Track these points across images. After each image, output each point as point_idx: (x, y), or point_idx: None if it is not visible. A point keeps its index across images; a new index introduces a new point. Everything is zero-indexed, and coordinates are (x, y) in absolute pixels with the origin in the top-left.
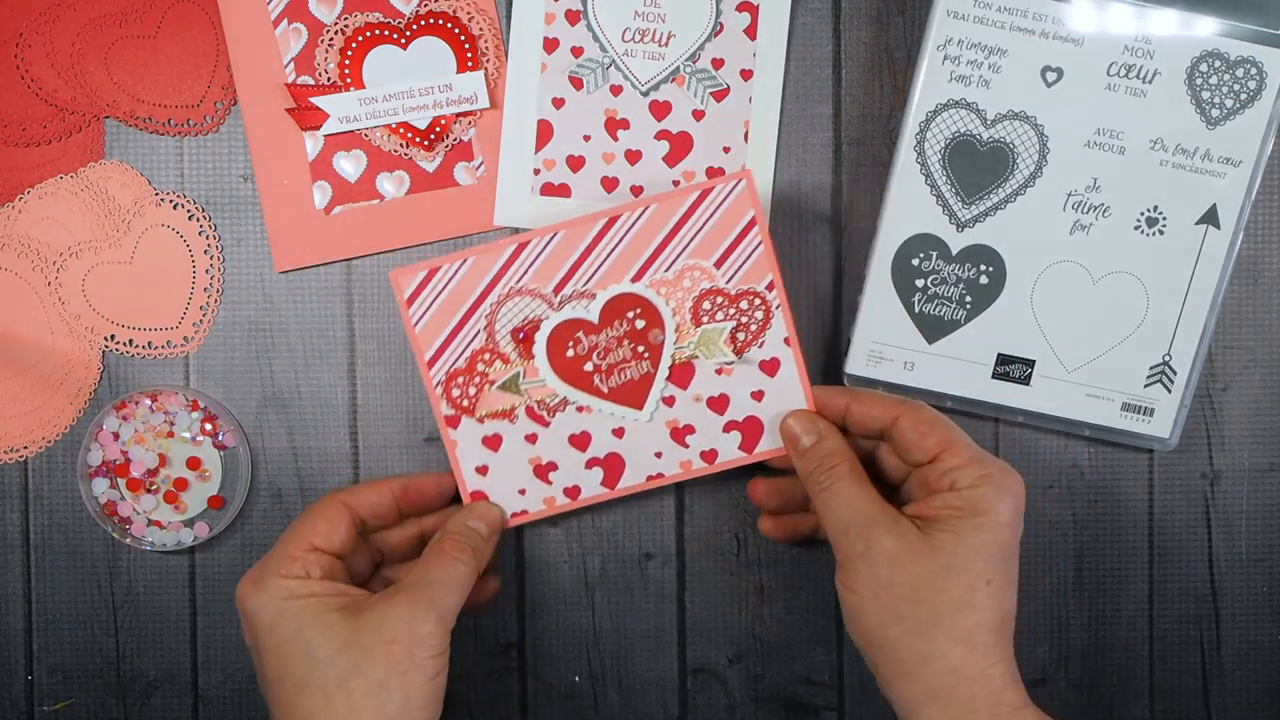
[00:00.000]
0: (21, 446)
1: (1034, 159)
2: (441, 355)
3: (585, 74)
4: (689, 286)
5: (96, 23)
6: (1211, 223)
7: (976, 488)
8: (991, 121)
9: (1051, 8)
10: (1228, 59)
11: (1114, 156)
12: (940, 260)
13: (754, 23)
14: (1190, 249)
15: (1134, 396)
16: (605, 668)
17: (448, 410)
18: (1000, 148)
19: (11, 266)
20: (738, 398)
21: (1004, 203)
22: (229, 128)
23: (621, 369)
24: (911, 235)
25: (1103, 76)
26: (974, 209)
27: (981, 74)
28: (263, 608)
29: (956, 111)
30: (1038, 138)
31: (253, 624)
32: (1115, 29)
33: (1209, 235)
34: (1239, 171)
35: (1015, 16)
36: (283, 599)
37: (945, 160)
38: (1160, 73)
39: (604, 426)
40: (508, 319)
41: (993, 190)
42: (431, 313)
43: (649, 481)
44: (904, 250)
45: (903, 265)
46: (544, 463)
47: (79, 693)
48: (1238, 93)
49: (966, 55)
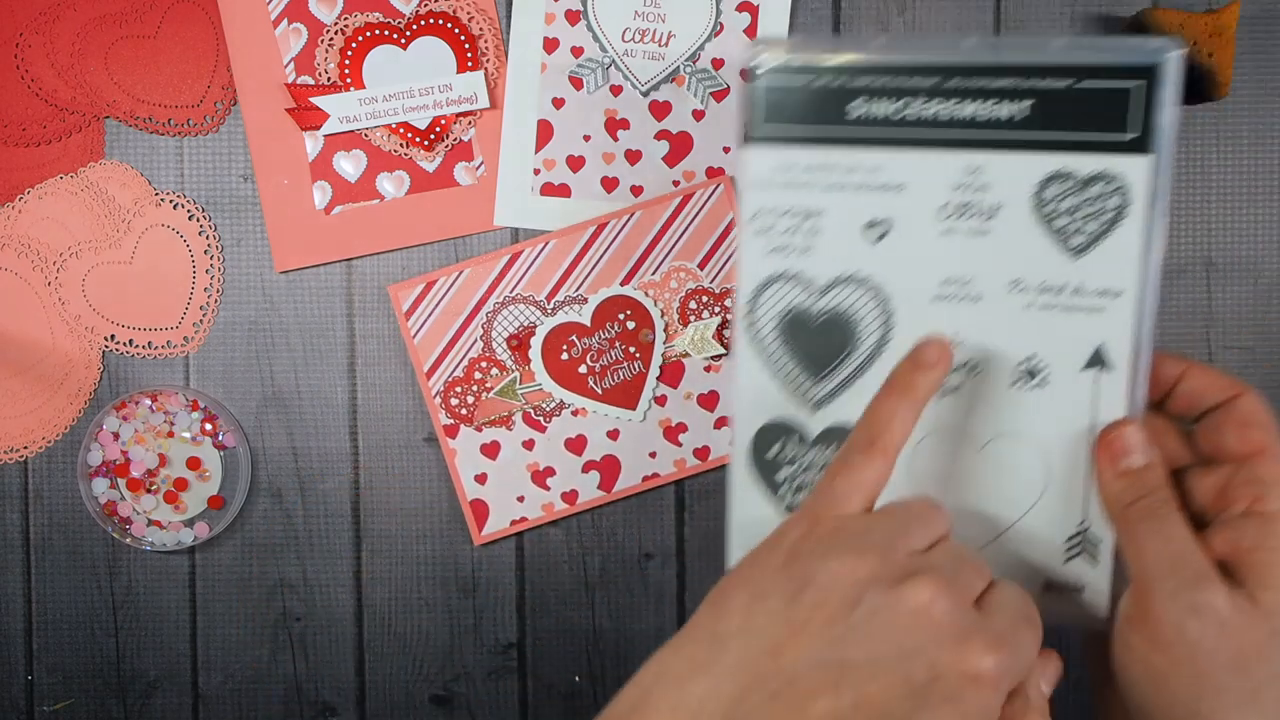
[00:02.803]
0: (21, 446)
1: (878, 323)
2: (440, 365)
3: (585, 74)
4: (676, 287)
5: (96, 23)
6: (1100, 365)
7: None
8: (823, 290)
9: (863, 158)
10: (1078, 178)
11: (969, 306)
12: (800, 446)
13: (754, 23)
14: (1082, 400)
15: (1056, 575)
16: (605, 668)
17: (446, 420)
18: (838, 317)
19: (11, 266)
20: (728, 393)
21: (856, 375)
22: (229, 128)
23: (614, 370)
24: (764, 424)
25: (936, 221)
26: (825, 386)
27: (800, 241)
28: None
29: (782, 286)
30: (877, 300)
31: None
32: (939, 167)
33: (1101, 379)
34: (1121, 302)
35: (824, 173)
36: None
37: (783, 340)
38: (1002, 205)
39: (599, 429)
40: (503, 326)
41: (840, 364)
42: (429, 324)
43: (645, 482)
44: (759, 442)
45: (761, 459)
46: (541, 468)
47: (79, 693)
48: (1098, 214)
49: (780, 224)
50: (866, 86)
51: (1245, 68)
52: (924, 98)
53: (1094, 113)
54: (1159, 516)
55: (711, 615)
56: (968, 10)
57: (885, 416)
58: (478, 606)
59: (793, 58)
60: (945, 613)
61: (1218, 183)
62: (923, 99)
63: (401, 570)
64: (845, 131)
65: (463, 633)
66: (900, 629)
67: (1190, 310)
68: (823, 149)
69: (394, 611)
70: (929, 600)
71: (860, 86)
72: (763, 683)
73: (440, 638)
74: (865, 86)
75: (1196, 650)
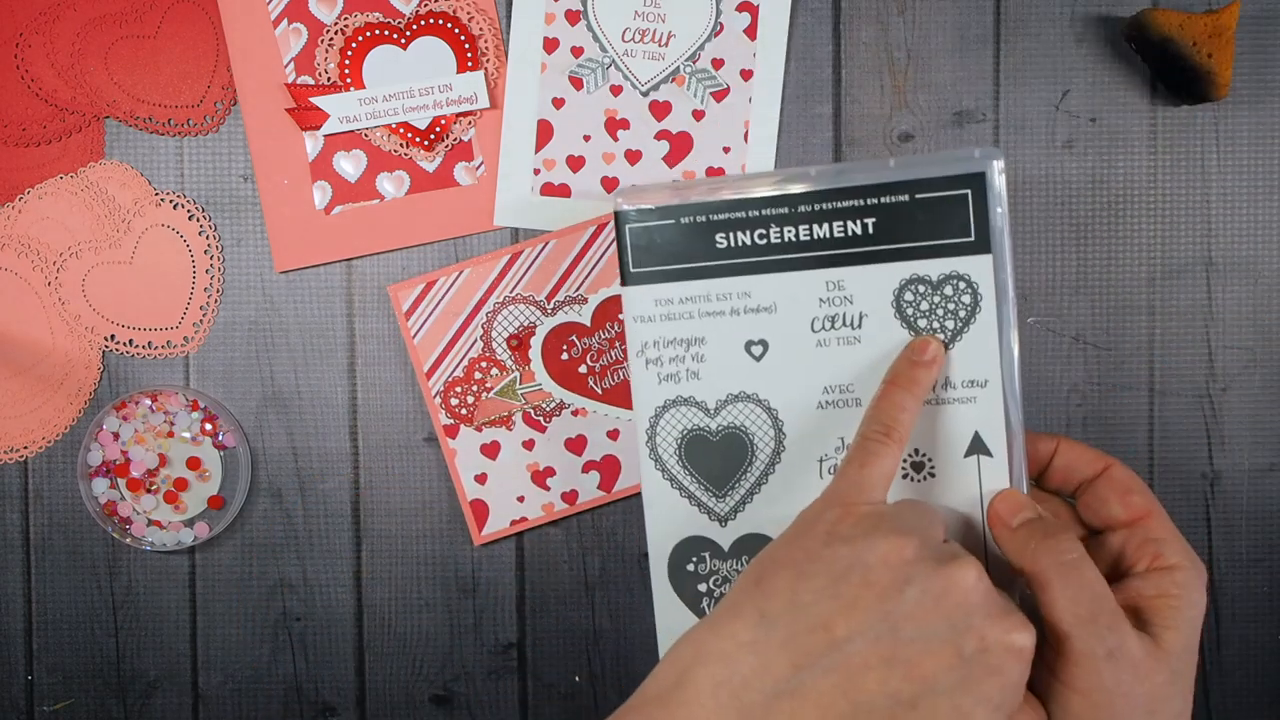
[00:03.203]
0: (21, 446)
1: (770, 435)
2: (440, 365)
3: (585, 74)
4: None
5: (96, 23)
6: (981, 451)
7: (1181, 571)
8: (715, 410)
9: (733, 284)
10: (931, 280)
11: (852, 410)
12: (715, 559)
13: (754, 23)
14: (969, 485)
15: None
16: (605, 668)
17: (446, 420)
18: (733, 434)
19: (11, 266)
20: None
21: (756, 486)
22: (229, 128)
23: (614, 370)
24: (678, 542)
25: (809, 334)
26: (729, 500)
27: (688, 367)
28: None
29: (678, 410)
30: (766, 413)
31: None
32: (803, 285)
33: (984, 464)
34: (989, 391)
35: (700, 303)
36: None
37: (683, 460)
38: (867, 315)
39: (599, 429)
40: (503, 327)
41: (741, 478)
42: (429, 324)
43: None
44: (676, 558)
45: (679, 574)
46: (541, 468)
47: (79, 693)
48: (955, 311)
49: (667, 353)
50: (726, 220)
51: (1245, 68)
52: (779, 225)
53: (934, 221)
54: (1073, 564)
55: (754, 594)
56: (968, 10)
57: (894, 409)
58: (478, 606)
59: (654, 205)
60: (987, 591)
61: (1218, 183)
62: (779, 226)
63: (401, 570)
64: (714, 262)
65: (463, 633)
66: (952, 604)
67: (1190, 310)
68: (695, 282)
69: (394, 611)
70: (975, 579)
71: (721, 220)
72: (814, 659)
73: (440, 638)
74: (725, 220)
75: (1114, 694)
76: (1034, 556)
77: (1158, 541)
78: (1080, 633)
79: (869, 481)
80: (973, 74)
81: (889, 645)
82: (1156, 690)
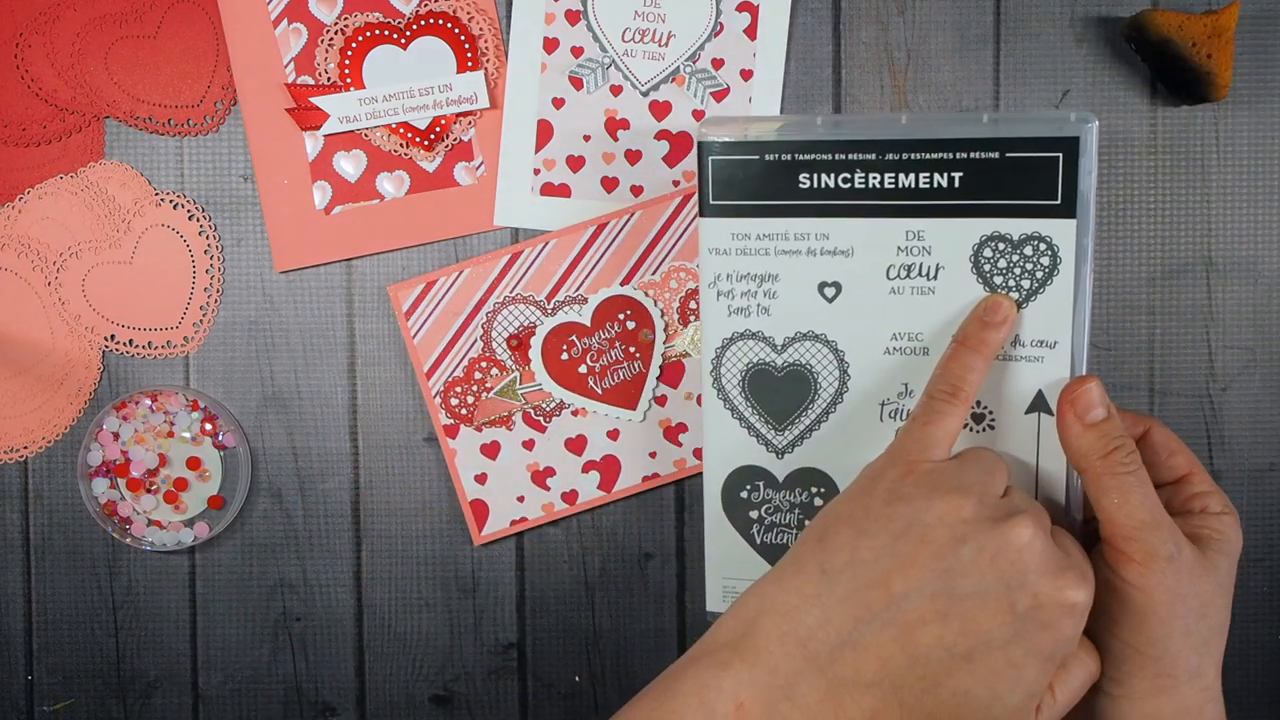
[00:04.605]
0: (21, 446)
1: (835, 375)
2: (440, 365)
3: (585, 74)
4: (675, 287)
5: (96, 23)
6: (1042, 409)
7: (1226, 515)
8: (782, 346)
9: (812, 225)
10: (1012, 240)
11: (918, 359)
12: (769, 489)
13: (754, 23)
14: (1027, 441)
15: None
16: (605, 668)
17: (446, 420)
18: (797, 370)
19: (11, 266)
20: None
21: (816, 423)
22: (229, 128)
23: (615, 370)
24: (733, 469)
25: (883, 281)
26: (788, 434)
27: (759, 302)
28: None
29: (745, 343)
30: (833, 354)
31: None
32: (883, 233)
33: (1043, 423)
34: (1056, 352)
35: (778, 240)
36: None
37: (746, 392)
38: (944, 266)
39: (599, 429)
40: (503, 327)
41: (801, 414)
42: (429, 324)
43: (645, 482)
44: (730, 484)
45: (732, 499)
46: (541, 468)
47: (79, 693)
48: (1032, 271)
49: (739, 287)
50: (812, 161)
51: (1245, 68)
52: (865, 170)
53: (1023, 181)
54: (1138, 474)
55: (817, 550)
56: (968, 10)
57: (962, 369)
58: (478, 606)
59: (742, 137)
60: (1043, 548)
61: (1218, 183)
62: (864, 171)
63: (401, 570)
64: (795, 201)
65: (463, 633)
66: (1006, 562)
67: (1190, 310)
68: (774, 219)
69: (394, 611)
70: (1030, 537)
71: (806, 160)
72: (874, 613)
73: (440, 638)
74: (811, 160)
75: (1174, 594)
76: (1102, 460)
77: (1201, 496)
78: (1146, 536)
79: (932, 440)
80: (973, 74)
81: (944, 601)
82: (1207, 596)
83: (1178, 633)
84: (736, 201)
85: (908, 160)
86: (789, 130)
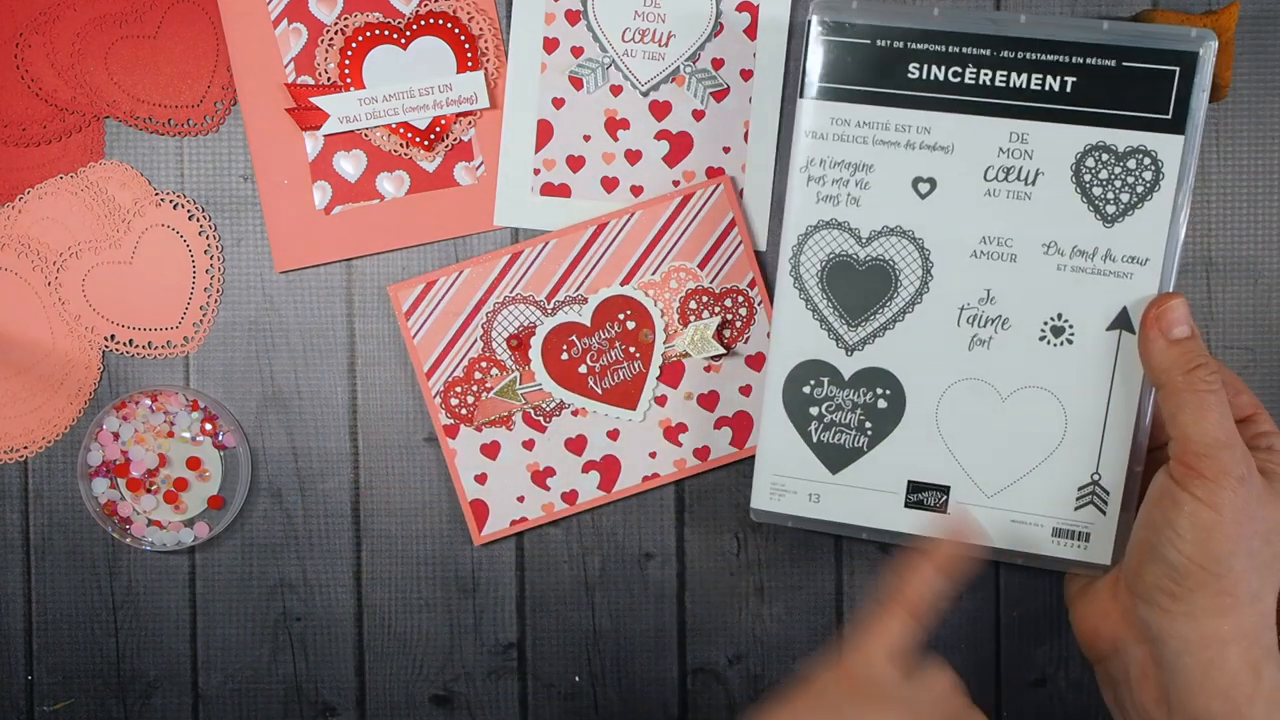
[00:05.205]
0: (21, 446)
1: (917, 275)
2: (440, 365)
3: (585, 74)
4: (675, 287)
5: (96, 23)
6: (1124, 327)
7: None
8: (867, 240)
9: (915, 117)
10: (1116, 151)
11: (1005, 265)
12: (833, 386)
13: (754, 23)
14: (1105, 358)
15: (1065, 521)
16: (605, 668)
17: (446, 420)
18: (880, 266)
19: (11, 266)
20: (727, 394)
21: (891, 322)
22: (229, 128)
23: (615, 370)
24: (799, 362)
25: (980, 182)
26: (861, 331)
27: (850, 192)
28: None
29: (829, 232)
30: (918, 252)
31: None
32: (986, 132)
33: (1123, 341)
34: (1147, 270)
35: (877, 130)
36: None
37: (824, 283)
38: (1043, 172)
39: (599, 429)
40: (503, 327)
41: (878, 311)
42: (429, 324)
43: (645, 482)
44: (794, 378)
45: (794, 394)
46: (541, 468)
47: (79, 693)
48: (1133, 185)
49: (831, 174)
50: (925, 51)
51: (1245, 68)
52: (976, 65)
53: (1135, 92)
54: (1219, 393)
55: None
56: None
57: (923, 586)
58: (478, 606)
59: (856, 18)
60: None
61: (1218, 183)
62: (975, 67)
63: (401, 570)
64: (901, 91)
65: (463, 633)
66: None
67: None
68: (877, 108)
69: (394, 611)
70: None
71: (919, 50)
72: None
73: (440, 638)
74: (924, 50)
75: (1243, 514)
76: (1184, 375)
77: (1267, 435)
78: (1221, 454)
79: (874, 652)
80: None
81: None
82: (1273, 523)
83: (1243, 553)
84: (841, 85)
85: (1022, 59)
86: (903, 17)
